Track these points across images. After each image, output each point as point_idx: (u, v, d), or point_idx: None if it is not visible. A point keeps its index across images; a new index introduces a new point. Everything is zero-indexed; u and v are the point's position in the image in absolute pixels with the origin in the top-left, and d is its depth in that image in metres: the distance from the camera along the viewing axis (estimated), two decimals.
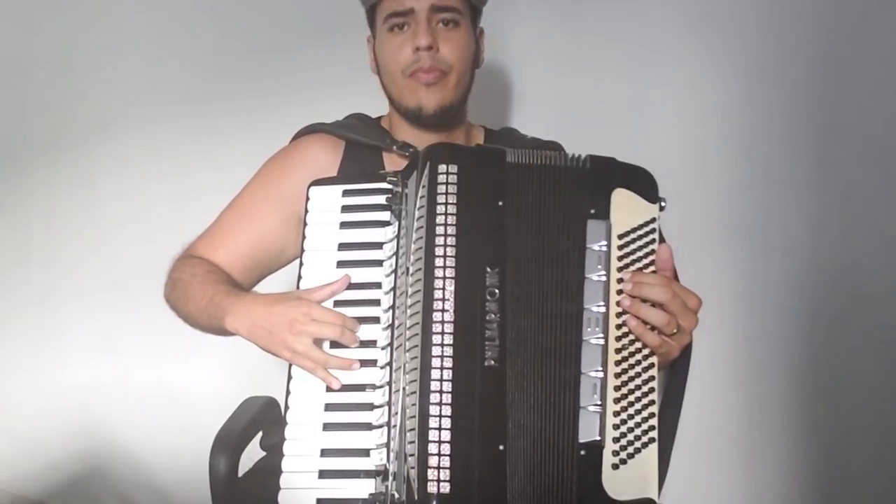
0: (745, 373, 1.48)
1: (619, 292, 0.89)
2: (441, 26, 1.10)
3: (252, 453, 1.14)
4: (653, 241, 0.92)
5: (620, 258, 0.91)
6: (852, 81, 1.43)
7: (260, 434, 1.16)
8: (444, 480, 0.81)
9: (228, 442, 1.08)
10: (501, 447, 0.83)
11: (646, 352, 0.89)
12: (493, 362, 0.85)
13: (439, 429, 0.82)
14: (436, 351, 0.85)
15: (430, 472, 0.81)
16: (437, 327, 0.86)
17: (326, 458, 0.90)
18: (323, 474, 0.89)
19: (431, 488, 0.80)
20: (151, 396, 2.00)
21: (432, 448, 0.81)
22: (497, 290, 0.88)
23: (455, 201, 0.91)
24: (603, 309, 0.88)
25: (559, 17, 1.61)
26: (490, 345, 0.86)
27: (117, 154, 2.10)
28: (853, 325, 1.43)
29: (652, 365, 0.88)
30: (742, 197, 1.49)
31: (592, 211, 0.91)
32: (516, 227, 0.91)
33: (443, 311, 0.86)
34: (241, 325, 0.97)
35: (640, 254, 0.91)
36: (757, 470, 1.51)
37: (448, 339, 0.85)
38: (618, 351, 0.88)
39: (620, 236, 0.91)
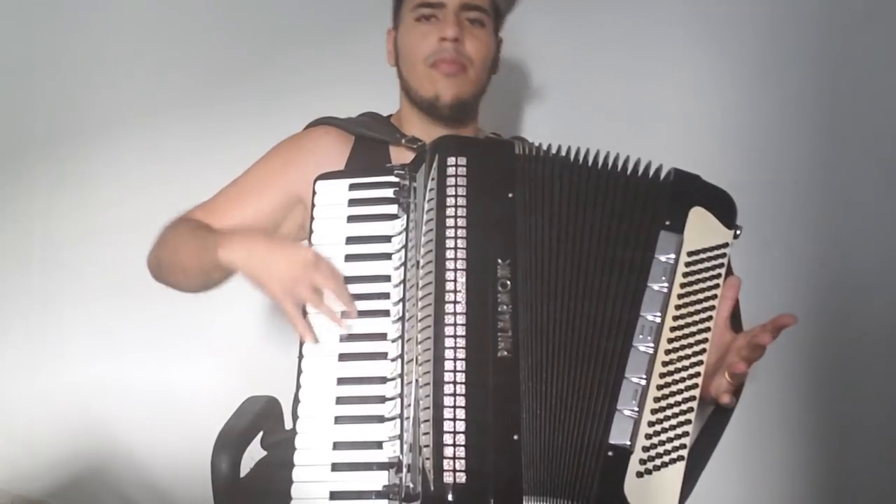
0: None
1: (678, 307, 0.89)
2: (467, 24, 1.13)
3: (253, 452, 1.14)
4: (721, 265, 0.92)
5: (686, 275, 0.90)
6: (851, 82, 1.43)
7: (261, 433, 1.17)
8: (460, 470, 0.80)
9: (230, 441, 1.07)
10: (516, 436, 0.83)
11: (692, 371, 0.88)
12: (506, 353, 0.85)
13: (454, 419, 0.82)
14: (448, 342, 0.85)
15: (445, 462, 0.80)
16: (448, 318, 0.86)
17: (339, 451, 0.89)
18: (336, 467, 0.89)
19: (447, 478, 0.80)
20: (152, 396, 2.00)
21: (447, 438, 0.81)
22: (509, 282, 0.88)
23: (465, 193, 0.91)
24: (658, 319, 0.88)
25: (560, 18, 1.62)
26: (503, 335, 0.86)
27: (118, 158, 2.10)
28: (852, 325, 1.44)
29: (696, 385, 0.88)
30: (740, 197, 1.48)
31: (668, 223, 0.91)
32: (530, 219, 0.91)
33: (454, 302, 0.86)
34: (238, 255, 0.95)
35: (705, 275, 0.91)
36: (757, 470, 1.51)
37: (461, 331, 0.85)
38: (664, 364, 0.88)
39: (690, 253, 0.91)
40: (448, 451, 0.81)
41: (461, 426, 0.82)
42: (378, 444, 0.88)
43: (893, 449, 1.42)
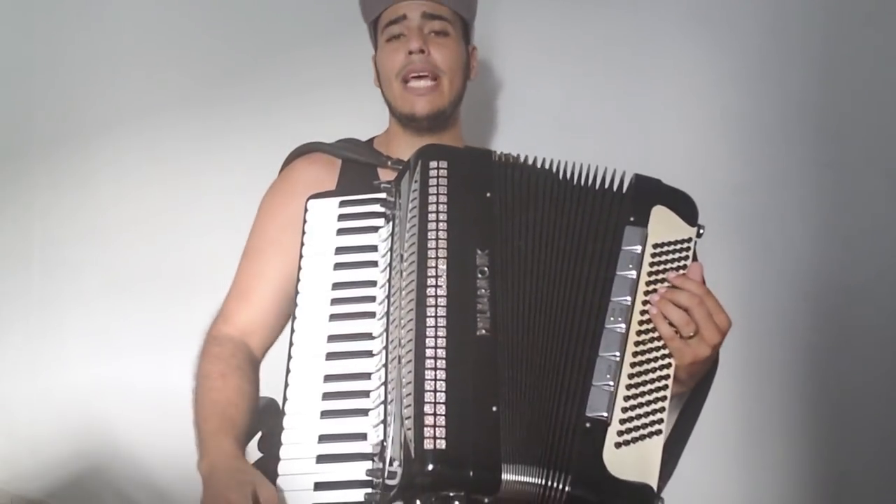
0: (744, 372, 1.48)
1: (647, 292, 0.94)
2: (433, 35, 1.20)
3: (253, 452, 1.14)
4: (686, 257, 0.97)
5: (652, 264, 0.95)
6: (851, 82, 1.43)
7: (259, 435, 1.16)
8: (440, 438, 0.82)
9: None
10: (495, 408, 0.86)
11: (664, 350, 0.92)
12: (484, 331, 0.89)
13: (434, 391, 0.85)
14: (430, 322, 0.89)
15: (426, 430, 0.82)
16: (430, 301, 0.90)
17: (324, 444, 0.91)
18: (320, 459, 0.91)
19: (428, 445, 0.82)
20: (151, 396, 1.99)
21: (428, 409, 0.83)
22: (487, 269, 0.93)
23: (446, 192, 0.97)
24: (628, 302, 0.93)
25: (556, 19, 1.62)
26: (481, 316, 0.90)
27: (118, 157, 2.10)
28: (852, 325, 1.44)
29: (669, 364, 0.92)
30: (741, 197, 1.49)
31: (632, 219, 0.97)
32: (507, 216, 0.97)
33: (436, 286, 0.91)
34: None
35: (671, 265, 0.96)
36: (757, 470, 1.51)
37: (441, 312, 0.89)
38: (637, 343, 0.92)
39: (655, 245, 0.96)
40: (429, 420, 0.83)
41: (441, 397, 0.84)
42: (363, 436, 0.91)
43: (893, 449, 1.42)
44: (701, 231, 0.98)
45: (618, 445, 0.86)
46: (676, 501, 0.95)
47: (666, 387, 0.90)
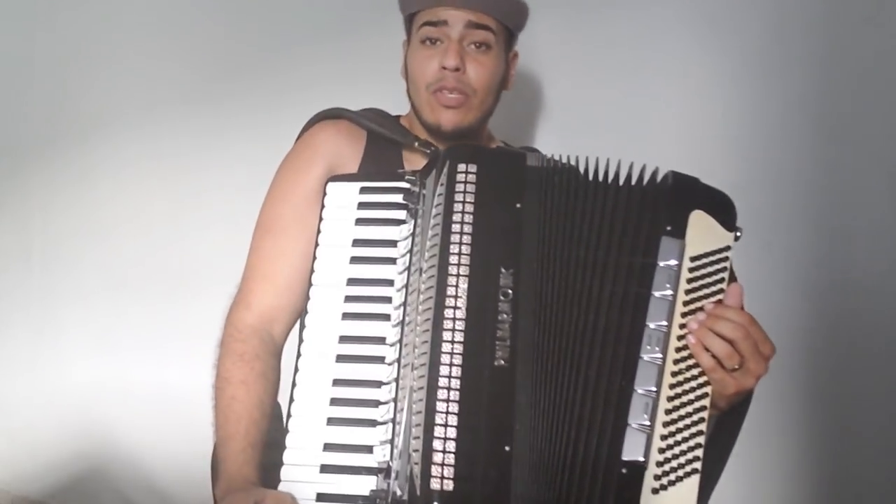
0: None
1: (684, 314, 0.87)
2: (472, 48, 1.10)
3: None
4: (724, 269, 0.89)
5: (690, 281, 0.88)
6: (852, 82, 1.43)
7: None
8: (448, 478, 0.79)
9: None
10: (507, 448, 0.81)
11: (702, 379, 0.86)
12: (502, 362, 0.84)
13: (445, 425, 0.81)
14: (445, 348, 0.84)
15: (433, 468, 0.80)
16: (447, 324, 0.85)
17: (329, 453, 0.89)
18: (325, 469, 0.89)
19: (434, 485, 0.79)
20: (152, 396, 2.00)
21: (437, 444, 0.80)
22: (510, 291, 0.87)
23: (473, 200, 0.90)
24: (665, 328, 0.86)
25: (561, 18, 1.61)
26: (501, 344, 0.85)
27: (117, 153, 2.10)
28: (853, 326, 1.44)
29: (706, 394, 0.85)
30: (741, 198, 1.48)
31: (668, 228, 0.89)
32: (536, 230, 0.91)
33: (454, 307, 0.86)
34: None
35: (709, 280, 0.88)
36: (757, 470, 1.51)
37: (458, 337, 0.85)
38: (674, 374, 0.85)
39: (693, 259, 0.88)
40: (437, 458, 0.80)
41: (452, 433, 0.81)
42: (369, 449, 0.88)
43: (893, 449, 1.42)
44: (738, 235, 0.91)
45: (655, 491, 0.81)
46: None
47: (703, 420, 0.84)
